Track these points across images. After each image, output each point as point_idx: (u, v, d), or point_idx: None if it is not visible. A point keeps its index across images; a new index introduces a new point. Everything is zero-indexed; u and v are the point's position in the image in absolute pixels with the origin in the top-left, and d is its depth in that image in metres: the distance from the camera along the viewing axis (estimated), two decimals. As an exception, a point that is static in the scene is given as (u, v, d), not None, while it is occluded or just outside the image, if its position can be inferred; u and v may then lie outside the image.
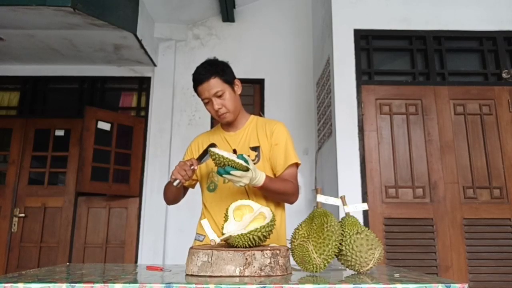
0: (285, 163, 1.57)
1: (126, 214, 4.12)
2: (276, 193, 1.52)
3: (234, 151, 1.60)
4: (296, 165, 1.61)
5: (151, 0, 3.92)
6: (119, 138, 4.11)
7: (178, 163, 1.47)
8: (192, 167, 1.45)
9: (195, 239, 1.65)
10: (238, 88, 1.65)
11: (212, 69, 1.57)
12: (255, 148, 1.61)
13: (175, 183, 1.45)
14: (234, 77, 1.64)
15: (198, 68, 1.60)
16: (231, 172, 1.29)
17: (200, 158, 1.53)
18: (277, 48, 4.41)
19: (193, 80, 1.60)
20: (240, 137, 1.65)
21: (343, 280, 1.04)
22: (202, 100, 1.60)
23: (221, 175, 1.32)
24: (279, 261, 1.06)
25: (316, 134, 4.03)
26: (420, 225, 2.77)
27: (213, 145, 1.55)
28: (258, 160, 1.59)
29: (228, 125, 1.68)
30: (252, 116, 1.72)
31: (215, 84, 1.55)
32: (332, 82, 3.05)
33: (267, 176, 1.43)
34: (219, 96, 1.56)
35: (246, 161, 1.31)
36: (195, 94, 1.62)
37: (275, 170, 1.60)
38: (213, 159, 1.32)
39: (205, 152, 1.52)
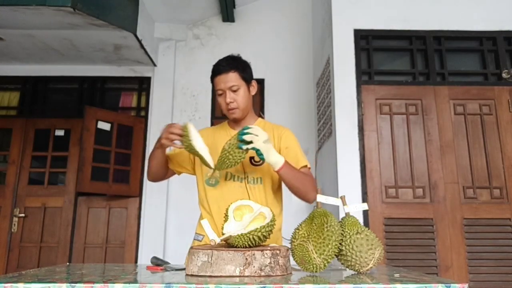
0: (296, 164, 1.58)
1: (126, 214, 4.12)
2: (296, 180, 1.50)
3: None
4: (306, 167, 1.61)
5: (151, 0, 3.92)
6: (119, 138, 4.11)
7: (166, 127, 1.51)
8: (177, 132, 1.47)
9: (194, 239, 1.65)
10: (253, 89, 1.68)
11: (234, 63, 1.61)
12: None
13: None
14: (252, 78, 1.67)
15: (220, 60, 1.64)
16: (247, 131, 1.39)
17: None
18: (277, 48, 4.41)
19: (212, 70, 1.63)
20: None
21: (343, 280, 1.04)
22: (217, 91, 1.63)
23: (241, 142, 1.40)
24: (279, 261, 1.06)
25: (316, 134, 4.03)
26: (420, 225, 2.77)
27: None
28: (263, 162, 1.59)
29: (236, 124, 1.69)
30: (260, 119, 1.74)
31: (232, 78, 1.58)
32: (332, 82, 3.05)
33: (287, 161, 1.46)
34: (234, 91, 1.59)
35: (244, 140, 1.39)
36: (195, 94, 1.65)
37: None
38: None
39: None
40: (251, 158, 1.60)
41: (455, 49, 3.14)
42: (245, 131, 1.39)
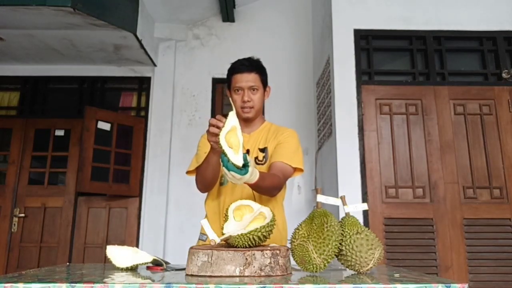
0: (277, 157, 1.56)
1: (126, 214, 4.12)
2: (264, 189, 1.49)
3: (248, 151, 1.62)
4: (294, 169, 1.58)
5: (151, 0, 3.92)
6: (119, 138, 4.11)
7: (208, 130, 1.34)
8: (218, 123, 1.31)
9: (199, 239, 1.66)
10: (267, 94, 1.72)
11: (256, 65, 1.66)
12: (263, 150, 1.64)
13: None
14: (267, 83, 1.71)
15: (241, 59, 1.67)
16: (231, 171, 1.19)
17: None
18: (277, 48, 4.41)
19: (233, 67, 1.65)
20: (253, 139, 1.68)
21: (343, 280, 1.04)
22: (234, 87, 1.63)
23: (222, 164, 1.21)
24: (279, 261, 1.06)
25: (316, 134, 4.03)
26: (420, 225, 2.77)
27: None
28: (266, 161, 1.62)
29: (244, 124, 1.68)
30: (266, 122, 1.76)
31: (254, 79, 1.62)
32: (332, 82, 3.05)
33: (260, 174, 1.34)
34: (253, 91, 1.62)
35: (246, 162, 1.23)
36: (195, 94, 1.65)
37: (270, 161, 1.59)
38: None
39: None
40: (256, 158, 1.62)
41: (455, 49, 3.13)
42: (231, 172, 1.18)
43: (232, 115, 1.26)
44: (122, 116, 4.25)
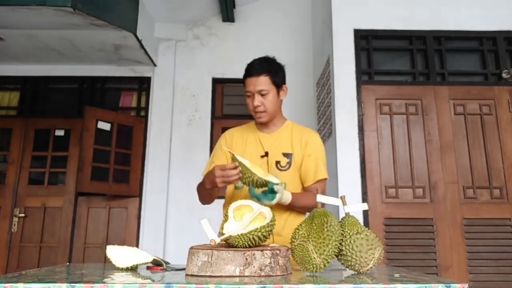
0: (314, 176, 1.60)
1: (126, 214, 4.12)
2: (300, 209, 1.58)
3: (266, 154, 1.61)
4: (325, 180, 1.64)
5: (151, 0, 3.92)
6: (119, 138, 4.11)
7: (216, 171, 1.40)
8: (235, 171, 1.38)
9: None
10: (283, 94, 1.66)
11: (267, 67, 1.60)
12: (288, 155, 1.62)
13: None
14: (284, 82, 1.66)
15: (254, 60, 1.63)
16: (263, 200, 1.39)
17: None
18: (277, 48, 4.39)
19: (245, 70, 1.62)
20: (274, 139, 1.65)
21: (343, 280, 1.04)
22: (245, 92, 1.61)
23: (252, 197, 1.41)
24: (279, 261, 1.06)
25: (316, 134, 4.02)
26: (420, 225, 2.77)
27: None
28: (289, 167, 1.60)
29: (263, 125, 1.68)
30: (288, 121, 1.73)
31: (263, 82, 1.57)
32: (332, 82, 3.05)
33: (293, 194, 1.48)
34: (263, 95, 1.58)
35: (273, 190, 1.40)
36: (195, 94, 1.66)
37: (304, 181, 1.61)
38: (243, 176, 1.38)
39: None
40: (277, 162, 1.60)
41: (455, 49, 3.14)
42: (271, 201, 1.41)
43: (239, 158, 1.39)
44: (122, 116, 4.25)
